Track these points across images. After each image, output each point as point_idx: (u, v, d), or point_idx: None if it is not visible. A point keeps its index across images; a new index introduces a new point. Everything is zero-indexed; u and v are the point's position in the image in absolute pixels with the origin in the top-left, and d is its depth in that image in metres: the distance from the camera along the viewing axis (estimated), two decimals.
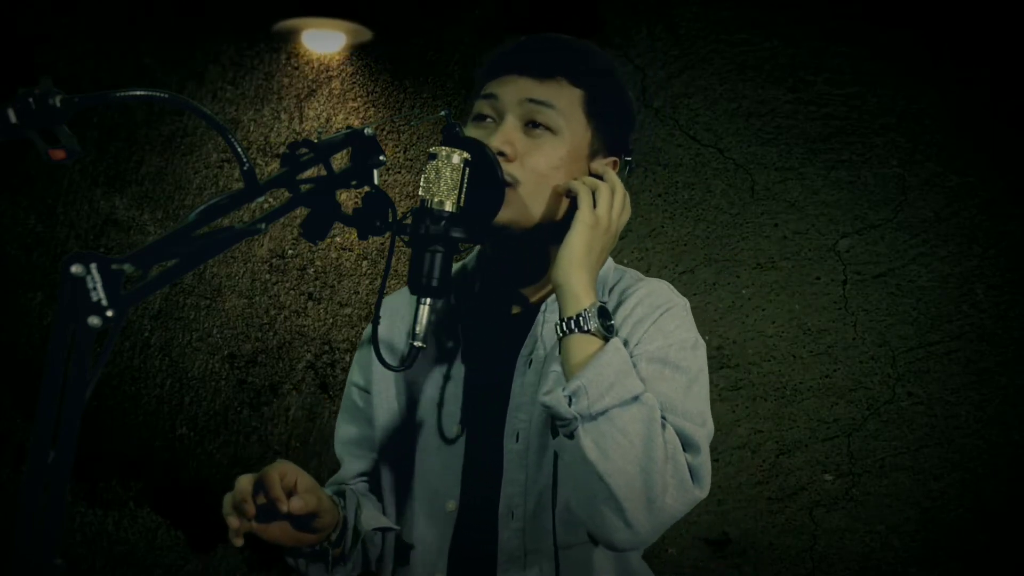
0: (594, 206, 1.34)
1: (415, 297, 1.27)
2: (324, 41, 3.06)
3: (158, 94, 0.97)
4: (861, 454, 2.80)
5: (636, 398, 1.23)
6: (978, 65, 2.79)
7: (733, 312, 2.90)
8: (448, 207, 1.25)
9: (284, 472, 1.25)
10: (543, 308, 1.41)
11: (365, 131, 1.12)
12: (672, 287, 1.44)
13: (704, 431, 1.31)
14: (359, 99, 3.12)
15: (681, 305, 1.40)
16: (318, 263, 3.11)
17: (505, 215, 1.34)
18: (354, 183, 1.12)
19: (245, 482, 1.24)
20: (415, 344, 1.27)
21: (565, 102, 1.38)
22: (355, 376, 1.55)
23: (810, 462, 2.83)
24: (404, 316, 1.50)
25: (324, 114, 3.11)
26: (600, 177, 1.39)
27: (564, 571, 1.36)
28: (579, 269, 1.30)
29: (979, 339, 2.76)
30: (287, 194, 1.07)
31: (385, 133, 3.11)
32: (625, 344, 1.31)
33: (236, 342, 3.09)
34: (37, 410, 0.84)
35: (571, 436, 1.22)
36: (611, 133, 1.43)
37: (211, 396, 3.09)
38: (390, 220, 1.21)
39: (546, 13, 2.99)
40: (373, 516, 1.41)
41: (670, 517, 1.23)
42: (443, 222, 1.25)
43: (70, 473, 0.84)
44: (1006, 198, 2.78)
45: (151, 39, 3.08)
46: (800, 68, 2.90)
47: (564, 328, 1.28)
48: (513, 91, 1.37)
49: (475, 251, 1.52)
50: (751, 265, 2.90)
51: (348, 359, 3.06)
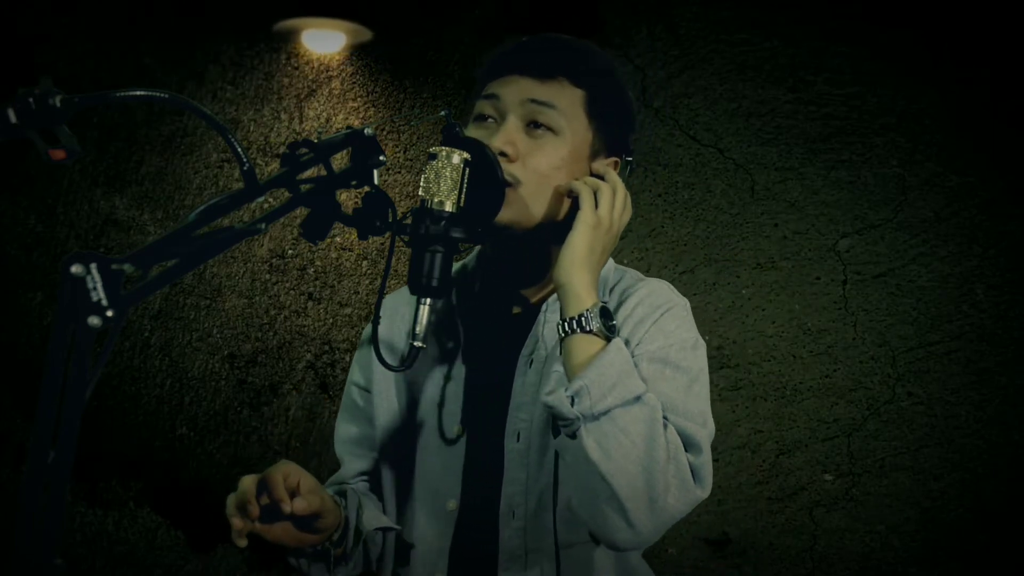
0: (596, 206, 1.34)
1: (415, 297, 1.27)
2: (324, 41, 3.06)
3: (158, 94, 0.97)
4: (861, 454, 2.80)
5: (638, 398, 1.23)
6: (978, 65, 2.79)
7: (733, 312, 2.90)
8: (448, 207, 1.25)
9: (287, 473, 1.25)
10: (544, 308, 1.41)
11: (365, 131, 1.12)
12: (672, 287, 1.44)
13: (705, 431, 1.31)
14: (359, 99, 3.11)
15: (681, 305, 1.41)
16: (318, 263, 3.11)
17: (507, 215, 1.34)
18: (354, 183, 1.12)
19: (248, 483, 1.24)
20: (415, 344, 1.27)
21: (566, 102, 1.38)
22: (355, 375, 1.55)
23: (810, 462, 2.83)
24: (404, 316, 1.50)
25: (324, 114, 3.11)
26: (601, 177, 1.39)
27: (565, 570, 1.36)
28: (581, 269, 1.30)
29: (979, 339, 2.76)
30: (287, 194, 1.07)
31: (385, 133, 3.11)
32: (626, 344, 1.31)
33: (236, 342, 3.09)
34: (37, 410, 0.84)
35: (573, 436, 1.23)
36: (612, 133, 1.43)
37: (211, 396, 3.09)
38: (390, 220, 1.21)
39: (546, 13, 2.99)
40: (374, 516, 1.41)
41: (672, 517, 1.24)
42: (443, 222, 1.25)
43: (70, 473, 0.84)
44: (1006, 198, 2.78)
45: (151, 39, 3.08)
46: (800, 68, 2.90)
47: (566, 328, 1.28)
48: (515, 91, 1.37)
49: (475, 251, 1.52)
50: (751, 265, 2.90)
51: (348, 359, 3.06)
